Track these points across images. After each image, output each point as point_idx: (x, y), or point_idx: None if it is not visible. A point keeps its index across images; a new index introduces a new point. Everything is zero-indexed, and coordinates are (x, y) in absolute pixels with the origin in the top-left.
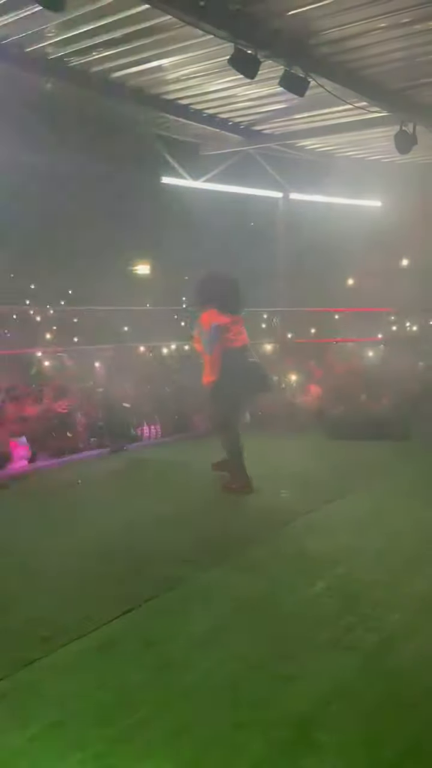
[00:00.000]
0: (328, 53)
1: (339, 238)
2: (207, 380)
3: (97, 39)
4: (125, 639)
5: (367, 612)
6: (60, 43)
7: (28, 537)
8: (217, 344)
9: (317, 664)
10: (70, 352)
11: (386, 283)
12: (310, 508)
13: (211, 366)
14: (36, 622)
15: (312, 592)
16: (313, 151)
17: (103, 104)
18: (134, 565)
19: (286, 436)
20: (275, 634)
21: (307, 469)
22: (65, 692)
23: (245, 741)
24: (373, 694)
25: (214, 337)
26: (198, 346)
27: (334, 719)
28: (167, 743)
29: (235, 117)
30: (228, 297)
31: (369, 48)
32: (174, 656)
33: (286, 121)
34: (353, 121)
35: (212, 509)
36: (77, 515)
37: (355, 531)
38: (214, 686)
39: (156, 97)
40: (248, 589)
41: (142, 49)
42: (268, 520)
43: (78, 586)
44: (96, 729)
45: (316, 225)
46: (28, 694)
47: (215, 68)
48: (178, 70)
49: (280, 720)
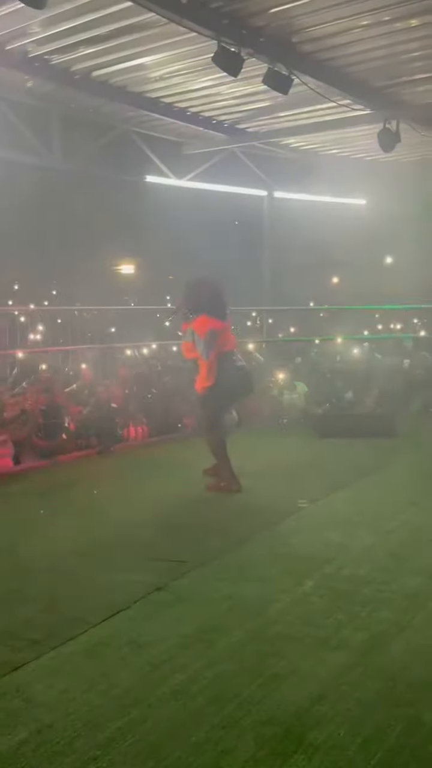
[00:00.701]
0: (311, 51)
1: (324, 236)
2: (201, 384)
3: (79, 36)
4: (114, 641)
5: (356, 610)
6: (42, 40)
7: (16, 538)
8: (213, 349)
9: (306, 662)
10: (55, 353)
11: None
12: (298, 507)
13: (208, 371)
14: (25, 625)
15: (301, 591)
16: (297, 150)
17: (85, 103)
18: (123, 566)
19: (274, 434)
20: (264, 634)
21: (294, 467)
22: (54, 696)
23: (234, 741)
24: (362, 693)
25: (210, 342)
26: (189, 354)
27: (323, 718)
28: (157, 745)
29: (218, 115)
30: (217, 303)
31: (351, 46)
32: (163, 657)
33: (270, 120)
34: (337, 119)
35: (200, 509)
36: (65, 516)
37: (343, 529)
38: (203, 687)
39: (139, 95)
40: (237, 588)
41: (125, 47)
42: (257, 519)
43: (67, 588)
44: (85, 732)
45: (301, 223)
46: (16, 699)
47: (198, 66)
48: (161, 68)
49: (269, 719)
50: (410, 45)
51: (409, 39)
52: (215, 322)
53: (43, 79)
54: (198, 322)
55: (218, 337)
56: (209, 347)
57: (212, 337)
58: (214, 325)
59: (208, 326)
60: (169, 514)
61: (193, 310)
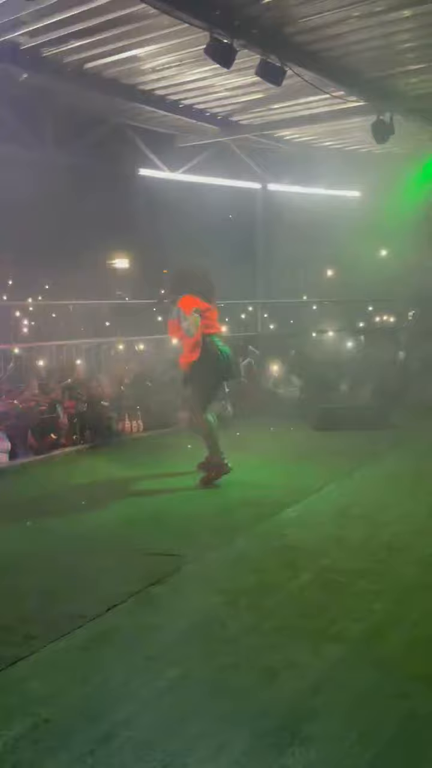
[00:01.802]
0: (305, 42)
1: (318, 229)
2: (186, 360)
3: (72, 28)
4: (110, 635)
5: (352, 602)
6: (33, 32)
7: (12, 534)
8: (198, 328)
9: (303, 655)
10: (50, 347)
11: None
12: (294, 499)
13: (192, 347)
14: (20, 620)
15: (297, 584)
16: (291, 142)
17: (78, 95)
18: (120, 559)
19: (269, 427)
20: (260, 627)
21: (290, 460)
22: (51, 690)
23: (230, 735)
24: (359, 684)
25: (196, 319)
26: (175, 333)
27: (320, 710)
28: (154, 739)
29: (212, 107)
30: (203, 285)
31: (345, 36)
32: (159, 651)
33: (264, 112)
34: (331, 111)
35: (196, 502)
36: (64, 511)
37: (339, 521)
38: (200, 680)
39: (132, 87)
40: (234, 581)
41: (117, 39)
42: (253, 511)
43: (63, 583)
44: (82, 727)
45: (295, 216)
46: (13, 694)
47: (191, 58)
48: (153, 59)
49: (265, 711)
50: (403, 36)
51: (402, 30)
52: (201, 302)
53: (35, 71)
54: (184, 301)
55: (203, 316)
56: (194, 325)
57: (197, 314)
58: (199, 304)
59: (193, 304)
60: (165, 508)
61: (180, 292)
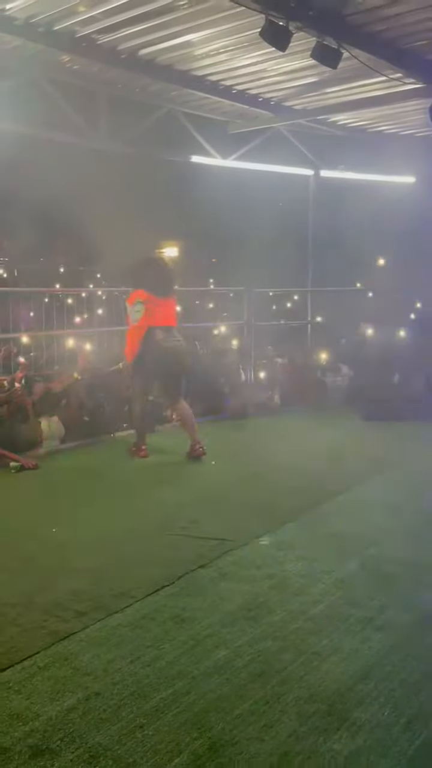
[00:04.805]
0: (362, 23)
1: (371, 216)
2: (129, 351)
3: (126, 15)
4: (158, 615)
5: (401, 592)
6: (88, 20)
7: (64, 514)
8: (142, 316)
9: (350, 642)
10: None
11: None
12: (342, 489)
13: (131, 336)
14: (72, 597)
15: (345, 572)
16: (344, 127)
17: (131, 82)
18: (166, 543)
19: (318, 416)
20: (307, 613)
21: (338, 450)
22: (101, 665)
23: (277, 716)
24: (407, 674)
25: (139, 310)
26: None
27: (367, 697)
28: (201, 716)
29: (265, 92)
30: (155, 280)
31: (403, 17)
32: (206, 633)
33: (318, 96)
34: (387, 94)
35: (244, 488)
36: (112, 494)
37: (388, 511)
38: (247, 662)
39: (185, 73)
40: (281, 567)
41: (172, 24)
42: (301, 499)
43: (113, 563)
44: (131, 701)
45: (348, 203)
46: (65, 667)
47: (245, 42)
48: (207, 44)
49: (312, 696)
50: None
51: None
52: (145, 295)
53: (90, 59)
54: (131, 296)
55: (147, 308)
56: (135, 314)
57: (139, 306)
58: (142, 296)
59: (136, 297)
60: (213, 493)
61: (133, 285)
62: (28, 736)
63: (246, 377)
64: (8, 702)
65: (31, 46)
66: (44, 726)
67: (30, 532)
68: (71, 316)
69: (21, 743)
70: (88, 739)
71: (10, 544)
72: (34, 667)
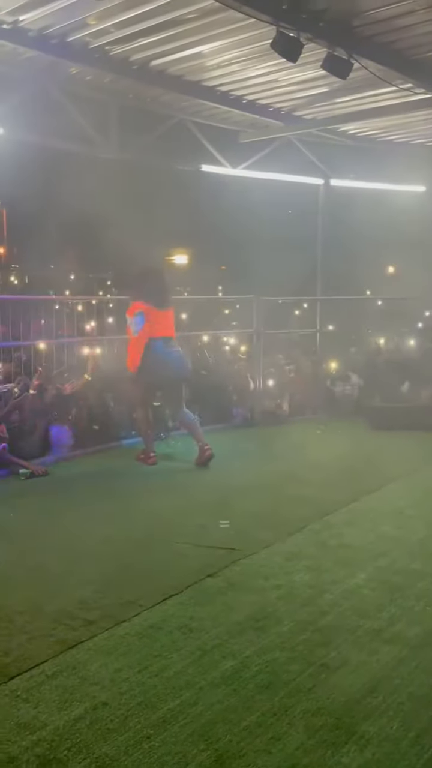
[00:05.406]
0: (373, 34)
1: (381, 224)
2: (131, 362)
3: (138, 27)
4: (166, 624)
5: (410, 604)
6: (100, 32)
7: (73, 522)
8: (142, 327)
9: (359, 654)
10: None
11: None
12: (351, 499)
13: (132, 347)
14: (80, 606)
15: (353, 583)
16: (355, 136)
17: (143, 93)
18: (175, 552)
19: (327, 425)
20: (315, 624)
21: (347, 459)
22: (108, 675)
23: (285, 729)
24: (416, 687)
25: (139, 321)
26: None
27: (375, 710)
28: (208, 728)
29: (275, 102)
30: (154, 291)
31: (413, 28)
32: (214, 643)
33: (328, 106)
34: (397, 104)
35: (252, 497)
36: (120, 502)
37: (397, 521)
38: (254, 673)
39: (196, 84)
40: (289, 577)
41: (183, 36)
42: (310, 509)
43: (121, 571)
44: (139, 712)
45: (358, 211)
46: (73, 676)
47: (256, 53)
48: (218, 56)
49: (320, 709)
50: None
51: None
52: (145, 306)
53: (102, 70)
54: (131, 307)
55: (147, 319)
56: (136, 325)
57: (140, 317)
58: (142, 307)
59: (137, 308)
60: (220, 503)
61: (133, 297)
62: (36, 746)
63: (254, 385)
64: (16, 711)
65: (44, 57)
66: (51, 735)
67: (39, 539)
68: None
69: (28, 752)
70: (95, 750)
71: (19, 551)
72: (42, 676)
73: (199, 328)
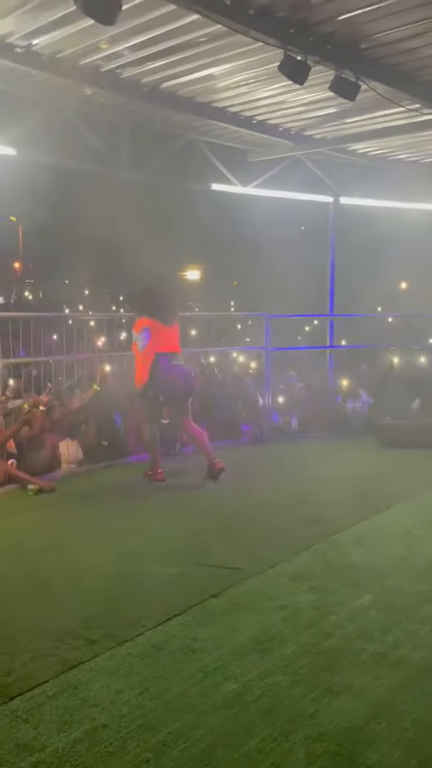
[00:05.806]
0: (380, 56)
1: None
2: (139, 380)
3: (148, 51)
4: (169, 645)
5: (416, 627)
6: (112, 56)
7: (79, 538)
8: (148, 343)
9: (363, 678)
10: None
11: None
12: (359, 518)
13: (140, 363)
14: (83, 625)
15: (359, 605)
16: (364, 155)
17: (154, 114)
18: (179, 571)
19: (336, 443)
20: (319, 647)
21: (355, 477)
22: (109, 696)
23: (285, 755)
24: (420, 713)
25: (145, 337)
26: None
27: (378, 737)
28: (207, 753)
29: (285, 123)
30: (160, 307)
31: (422, 50)
32: (216, 665)
33: (337, 126)
34: (406, 124)
35: (257, 516)
36: (127, 519)
37: (405, 541)
38: (256, 697)
39: (206, 105)
40: (293, 598)
41: (193, 59)
42: (316, 528)
43: (124, 591)
44: (138, 735)
45: (368, 229)
46: (73, 697)
47: (265, 75)
48: (228, 78)
49: (321, 735)
50: None
51: None
52: (151, 322)
53: (113, 92)
54: (137, 323)
55: (152, 335)
56: (142, 341)
57: (146, 333)
58: (148, 323)
59: (143, 324)
60: (226, 521)
61: (139, 313)
62: None
63: (264, 402)
64: (16, 731)
65: (56, 80)
66: (50, 758)
67: (45, 556)
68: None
69: None
70: None
71: (24, 568)
72: (42, 696)
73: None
